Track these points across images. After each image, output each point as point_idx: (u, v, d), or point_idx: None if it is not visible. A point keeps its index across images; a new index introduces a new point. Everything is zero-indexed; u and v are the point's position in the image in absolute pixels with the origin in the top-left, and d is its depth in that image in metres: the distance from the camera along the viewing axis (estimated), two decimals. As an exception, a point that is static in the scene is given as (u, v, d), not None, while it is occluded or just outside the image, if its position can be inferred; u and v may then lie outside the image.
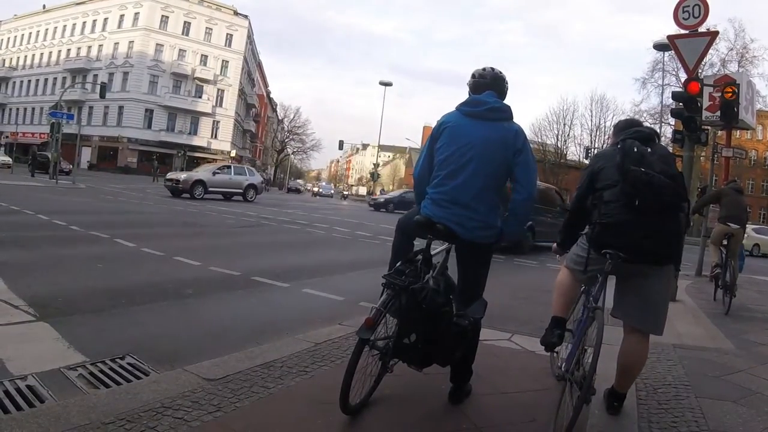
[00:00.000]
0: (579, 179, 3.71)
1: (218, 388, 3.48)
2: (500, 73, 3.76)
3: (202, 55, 63.86)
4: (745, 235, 10.77)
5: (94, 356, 4.10)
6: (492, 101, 3.55)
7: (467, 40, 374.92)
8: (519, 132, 3.55)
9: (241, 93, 69.59)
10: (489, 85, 3.66)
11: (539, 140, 65.02)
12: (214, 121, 64.53)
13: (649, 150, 3.37)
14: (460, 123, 3.55)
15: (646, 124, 4.00)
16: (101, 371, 3.87)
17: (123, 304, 5.72)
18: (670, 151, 4.18)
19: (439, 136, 3.61)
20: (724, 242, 8.95)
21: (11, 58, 72.85)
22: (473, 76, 3.75)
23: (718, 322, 7.29)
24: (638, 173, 3.19)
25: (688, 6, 9.74)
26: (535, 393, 4.02)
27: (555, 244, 4.05)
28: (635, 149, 3.34)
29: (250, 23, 69.87)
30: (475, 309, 3.42)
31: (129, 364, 4.05)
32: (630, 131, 3.61)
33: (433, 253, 3.53)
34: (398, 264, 3.33)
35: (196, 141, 62.56)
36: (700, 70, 15.00)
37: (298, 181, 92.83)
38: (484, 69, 3.76)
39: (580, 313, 3.67)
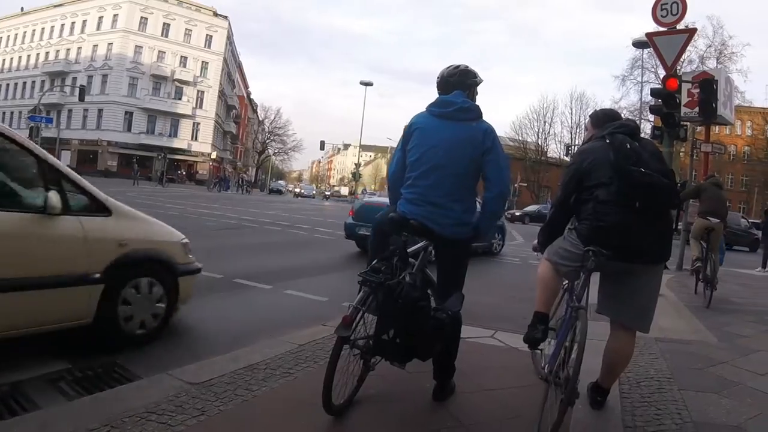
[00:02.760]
0: (564, 175, 3.62)
1: (202, 392, 3.47)
2: (466, 68, 3.76)
3: (181, 56, 63.35)
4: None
5: (78, 362, 4.08)
6: (460, 101, 3.57)
7: (448, 39, 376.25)
8: (488, 131, 3.56)
9: (221, 94, 69.15)
10: (456, 84, 3.67)
11: (520, 138, 65.44)
12: (194, 122, 64.03)
13: (639, 146, 3.34)
14: (430, 124, 3.59)
15: (627, 118, 3.94)
16: (85, 377, 3.85)
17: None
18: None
19: (410, 137, 3.65)
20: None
21: (-11, 62, 72.08)
22: (440, 75, 3.77)
23: (699, 315, 7.36)
24: (639, 174, 3.15)
25: (666, 4, 9.84)
26: (518, 389, 4.04)
27: (536, 242, 4.02)
28: (628, 146, 3.28)
29: (230, 24, 69.43)
30: (452, 302, 3.45)
31: (112, 369, 4.04)
32: (615, 124, 3.54)
33: (410, 250, 3.54)
34: (374, 262, 3.34)
35: (177, 143, 62.01)
36: (678, 67, 15.11)
37: (280, 182, 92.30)
38: (455, 67, 3.77)
39: (563, 311, 3.67)
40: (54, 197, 3.99)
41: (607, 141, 3.38)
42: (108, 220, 4.50)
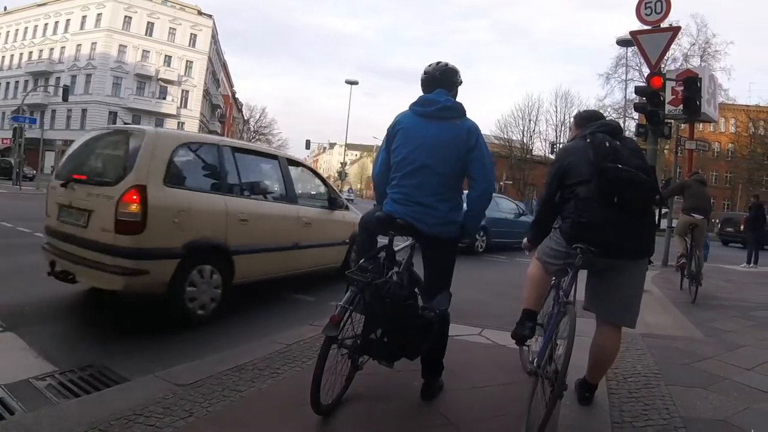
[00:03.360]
0: (547, 174, 3.69)
1: (189, 393, 3.45)
2: (450, 65, 3.76)
3: (165, 55, 62.92)
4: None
5: (64, 365, 4.05)
6: (443, 100, 3.58)
7: (434, 38, 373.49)
8: (472, 129, 3.57)
9: (206, 94, 68.76)
10: (440, 81, 3.68)
11: (505, 136, 65.51)
12: (179, 122, 63.39)
13: (619, 144, 3.36)
14: (413, 123, 3.59)
15: (610, 118, 4.00)
16: (71, 380, 3.82)
17: (91, 312, 5.65)
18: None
19: (394, 136, 3.65)
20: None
21: (-29, 62, 71.26)
22: (425, 72, 3.76)
23: (685, 311, 7.42)
24: (616, 170, 3.17)
25: (651, 2, 9.89)
26: (506, 386, 4.05)
27: (525, 240, 4.05)
28: (607, 144, 3.31)
29: (214, 23, 68.99)
30: (440, 301, 3.44)
31: (99, 372, 4.01)
32: (597, 124, 3.58)
33: (396, 249, 3.54)
34: (361, 261, 3.34)
35: (162, 143, 61.66)
36: (662, 65, 15.20)
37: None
38: (437, 64, 3.77)
39: (551, 307, 3.69)
40: (333, 201, 8.10)
41: (588, 140, 3.43)
42: (348, 212, 8.44)
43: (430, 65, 3.78)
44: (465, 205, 3.68)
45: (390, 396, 3.74)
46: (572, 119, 4.14)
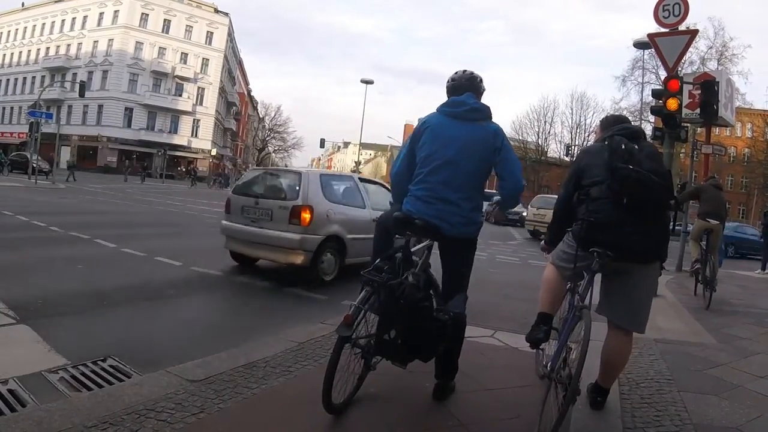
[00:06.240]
0: (566, 176, 3.73)
1: (201, 390, 3.46)
2: (474, 73, 3.87)
3: (182, 53, 63.25)
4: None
5: (76, 359, 4.07)
6: (472, 102, 3.66)
7: (448, 38, 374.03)
8: (498, 131, 3.66)
9: (222, 91, 69.06)
10: (466, 87, 3.76)
11: (520, 138, 65.43)
12: (194, 119, 63.99)
13: (636, 147, 3.36)
14: (442, 123, 3.65)
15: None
16: (83, 374, 3.84)
17: (104, 306, 5.68)
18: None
19: (420, 135, 3.70)
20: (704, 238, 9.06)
21: (-11, 57, 71.82)
22: (451, 79, 3.86)
23: (699, 317, 7.35)
24: (627, 171, 3.17)
25: (669, 4, 9.80)
26: (519, 389, 4.04)
27: (543, 242, 4.06)
28: (623, 146, 3.32)
29: (230, 21, 69.33)
30: (455, 303, 3.46)
31: (111, 366, 4.03)
32: (617, 128, 3.61)
33: (413, 249, 3.53)
34: (377, 261, 3.33)
35: (177, 140, 61.96)
36: (679, 68, 15.09)
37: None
38: (464, 72, 3.87)
39: (566, 311, 3.67)
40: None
41: (606, 142, 3.45)
42: None
43: (456, 73, 3.87)
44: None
45: (401, 396, 3.73)
46: (598, 122, 4.15)
